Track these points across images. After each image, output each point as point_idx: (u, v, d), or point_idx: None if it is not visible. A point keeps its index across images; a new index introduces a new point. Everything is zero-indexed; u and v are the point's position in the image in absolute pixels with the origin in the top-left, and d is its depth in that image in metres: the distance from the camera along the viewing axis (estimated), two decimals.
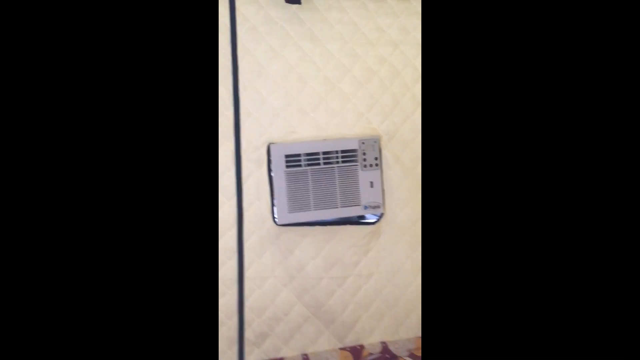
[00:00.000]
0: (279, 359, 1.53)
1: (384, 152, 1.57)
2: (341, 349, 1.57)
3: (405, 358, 1.56)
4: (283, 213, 1.48)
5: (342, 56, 1.51)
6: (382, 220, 1.60)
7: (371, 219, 1.61)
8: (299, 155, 1.48)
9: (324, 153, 1.50)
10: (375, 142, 1.54)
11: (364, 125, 1.55)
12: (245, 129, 1.48)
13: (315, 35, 1.48)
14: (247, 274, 1.52)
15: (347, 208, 1.53)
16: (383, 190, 1.56)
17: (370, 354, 1.56)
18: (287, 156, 1.47)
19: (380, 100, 1.55)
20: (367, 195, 1.54)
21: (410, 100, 1.58)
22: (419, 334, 1.65)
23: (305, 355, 1.54)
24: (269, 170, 1.50)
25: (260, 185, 1.50)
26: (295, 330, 1.56)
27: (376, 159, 1.55)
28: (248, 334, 1.52)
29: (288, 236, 1.53)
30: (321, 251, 1.56)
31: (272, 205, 1.50)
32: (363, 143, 1.53)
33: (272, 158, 1.47)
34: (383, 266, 1.61)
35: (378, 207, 1.56)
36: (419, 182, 1.62)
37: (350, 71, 1.52)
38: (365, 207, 1.55)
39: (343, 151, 1.51)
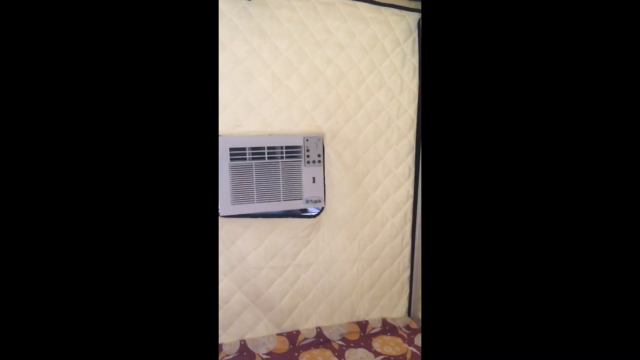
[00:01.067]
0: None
1: (327, 150, 1.65)
2: (278, 334, 1.65)
3: (337, 342, 1.68)
4: (226, 205, 1.51)
5: (290, 54, 1.55)
6: (323, 213, 1.68)
7: (312, 212, 1.70)
8: (244, 148, 1.51)
9: (269, 148, 1.54)
10: (319, 139, 1.61)
11: (308, 123, 1.61)
12: None
13: (264, 31, 1.50)
14: None
15: (290, 201, 1.59)
16: (324, 186, 1.65)
17: (305, 338, 1.66)
18: (232, 149, 1.49)
19: (326, 100, 1.62)
20: (309, 190, 1.62)
21: (353, 102, 1.67)
22: (352, 319, 1.78)
23: (243, 340, 1.60)
24: None
25: None
26: (234, 317, 1.61)
27: (319, 155, 1.62)
28: None
29: (230, 227, 1.57)
30: (263, 242, 1.61)
31: None
32: (307, 140, 1.59)
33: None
34: (321, 257, 1.71)
35: (319, 201, 1.64)
36: (358, 179, 1.72)
37: (298, 69, 1.57)
38: (307, 201, 1.62)
39: (287, 147, 1.57)
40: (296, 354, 1.58)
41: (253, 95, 1.52)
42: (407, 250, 1.84)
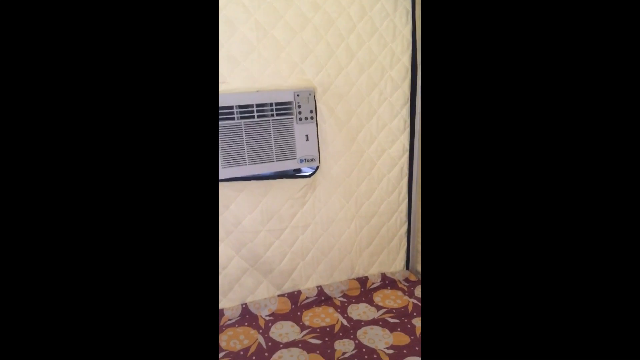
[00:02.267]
0: (218, 310, 1.56)
1: (319, 105, 1.56)
2: (279, 295, 1.64)
3: (338, 298, 1.69)
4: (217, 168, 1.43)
5: None
6: (318, 172, 1.63)
7: (307, 171, 1.64)
8: (231, 107, 1.41)
9: (258, 105, 1.44)
10: (310, 94, 1.52)
11: (298, 77, 1.51)
12: None
13: None
14: None
15: (283, 162, 1.52)
16: (318, 144, 1.58)
17: (307, 297, 1.66)
18: (219, 108, 1.39)
19: (315, 50, 1.51)
20: (302, 149, 1.55)
21: (344, 51, 1.56)
22: (352, 276, 1.78)
23: (245, 304, 1.59)
24: None
25: None
26: (233, 282, 1.59)
27: (311, 111, 1.53)
28: None
29: (223, 192, 1.50)
30: (258, 205, 1.56)
31: None
32: (298, 95, 1.50)
33: None
34: (319, 217, 1.67)
35: (314, 160, 1.58)
36: (352, 135, 1.66)
37: (283, 17, 1.43)
38: (301, 161, 1.56)
39: (277, 104, 1.47)
40: (299, 313, 1.58)
41: (236, 48, 1.39)
42: (404, 204, 1.82)
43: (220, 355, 1.36)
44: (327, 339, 1.42)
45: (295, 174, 1.62)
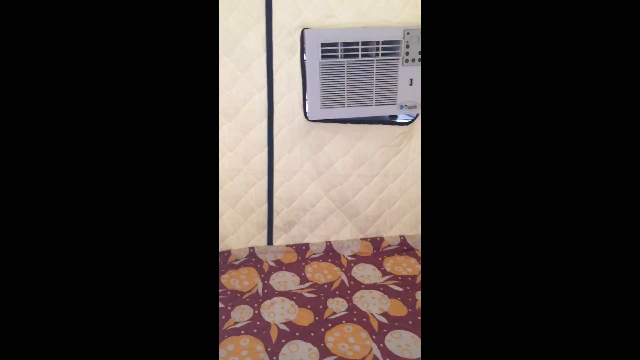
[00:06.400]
0: (304, 244, 1.66)
1: None
2: (362, 239, 1.68)
3: (420, 250, 1.67)
4: (315, 108, 1.42)
5: None
6: (417, 121, 1.53)
7: (404, 119, 1.55)
8: (336, 44, 1.34)
9: (363, 43, 1.35)
10: (421, 33, 1.37)
11: (410, 12, 1.36)
12: (277, 10, 1.31)
13: None
14: (277, 166, 1.54)
15: (382, 107, 1.45)
16: (422, 89, 1.46)
17: (389, 245, 1.67)
18: (323, 45, 1.33)
19: None
20: (404, 94, 1.45)
21: None
22: None
23: (329, 242, 1.66)
24: (302, 59, 1.38)
25: (292, 76, 1.40)
26: (320, 220, 1.65)
27: (420, 53, 1.40)
28: (277, 221, 1.62)
29: (318, 132, 1.50)
30: (351, 149, 1.54)
31: (304, 99, 1.43)
32: (408, 33, 1.36)
33: (306, 46, 1.34)
34: (411, 167, 1.61)
35: (415, 107, 1.47)
36: None
37: None
38: (401, 107, 1.47)
39: (384, 42, 1.36)
40: (380, 259, 1.61)
41: None
42: None
43: (305, 285, 1.47)
44: (408, 287, 1.44)
45: (391, 120, 1.55)
